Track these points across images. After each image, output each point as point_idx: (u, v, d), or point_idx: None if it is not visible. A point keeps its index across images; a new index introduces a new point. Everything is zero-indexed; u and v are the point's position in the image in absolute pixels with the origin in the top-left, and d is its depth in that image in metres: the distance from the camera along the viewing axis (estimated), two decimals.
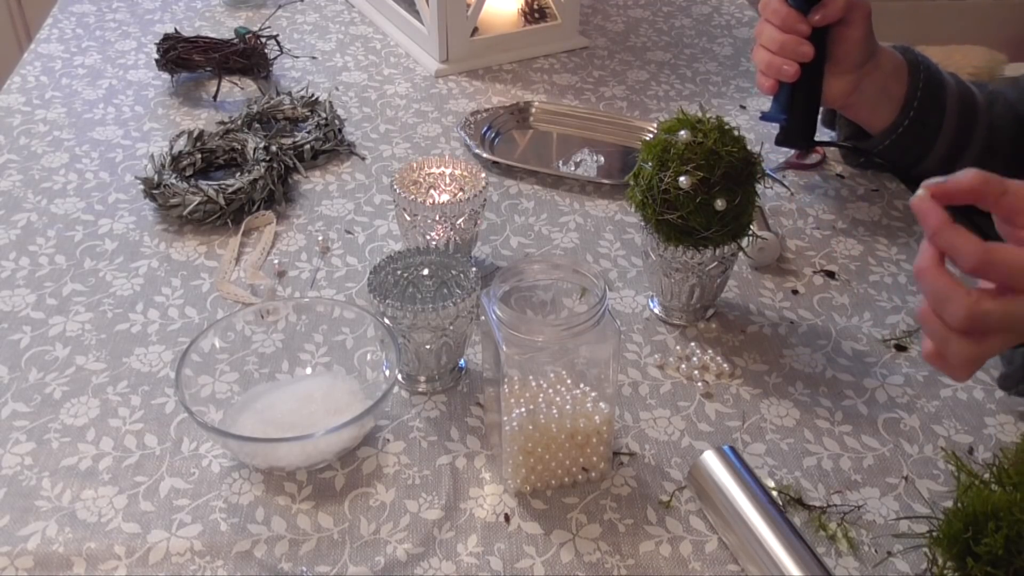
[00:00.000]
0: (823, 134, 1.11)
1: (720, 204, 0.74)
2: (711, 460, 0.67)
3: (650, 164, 0.76)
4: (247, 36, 1.23)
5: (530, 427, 0.67)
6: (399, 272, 0.77)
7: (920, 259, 0.60)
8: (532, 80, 1.26)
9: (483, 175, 0.87)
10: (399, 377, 0.78)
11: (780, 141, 0.95)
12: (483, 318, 0.68)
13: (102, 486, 0.70)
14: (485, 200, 0.86)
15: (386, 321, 0.73)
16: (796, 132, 0.94)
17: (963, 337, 0.59)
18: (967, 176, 0.59)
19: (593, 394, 0.69)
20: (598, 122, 1.15)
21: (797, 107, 0.92)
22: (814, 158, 1.08)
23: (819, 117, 0.95)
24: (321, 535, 0.67)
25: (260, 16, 1.39)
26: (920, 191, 0.60)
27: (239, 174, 0.99)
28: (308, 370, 0.78)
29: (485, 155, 1.07)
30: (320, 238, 0.95)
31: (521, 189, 1.04)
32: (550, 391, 0.69)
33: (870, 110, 0.94)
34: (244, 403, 0.74)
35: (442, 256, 0.78)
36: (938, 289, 0.59)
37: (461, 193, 0.86)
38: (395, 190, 0.84)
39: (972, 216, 0.76)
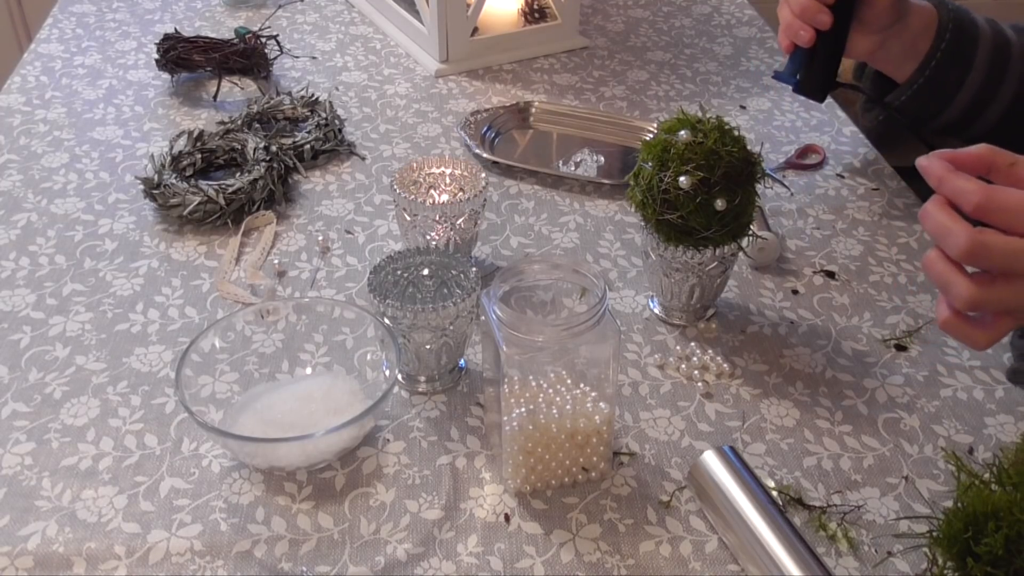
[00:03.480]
0: (824, 132, 1.11)
1: (720, 204, 0.74)
2: (711, 460, 0.67)
3: (650, 164, 0.76)
4: (247, 36, 1.23)
5: (530, 427, 0.67)
6: (399, 272, 0.77)
7: (925, 205, 0.61)
8: (532, 80, 1.26)
9: (483, 175, 0.87)
10: (399, 377, 0.78)
11: (796, 90, 0.97)
12: (483, 318, 0.68)
13: (102, 486, 0.70)
14: (485, 200, 0.86)
15: (386, 321, 0.73)
16: (811, 87, 0.96)
17: (964, 276, 0.59)
18: (978, 146, 0.61)
19: (593, 394, 0.69)
20: (598, 122, 1.15)
21: (814, 66, 0.93)
22: (814, 158, 1.08)
23: (837, 74, 0.95)
24: (321, 535, 0.67)
25: (260, 16, 1.39)
26: (928, 155, 0.61)
27: (239, 174, 0.99)
28: (308, 370, 0.78)
29: (485, 155, 1.06)
30: (320, 238, 0.95)
31: (521, 189, 1.04)
32: (550, 391, 0.69)
33: (895, 65, 0.95)
34: (244, 403, 0.74)
35: (442, 256, 0.78)
36: (941, 223, 0.59)
37: (461, 193, 0.86)
38: (395, 190, 0.84)
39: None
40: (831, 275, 0.92)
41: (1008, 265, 0.59)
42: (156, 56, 1.19)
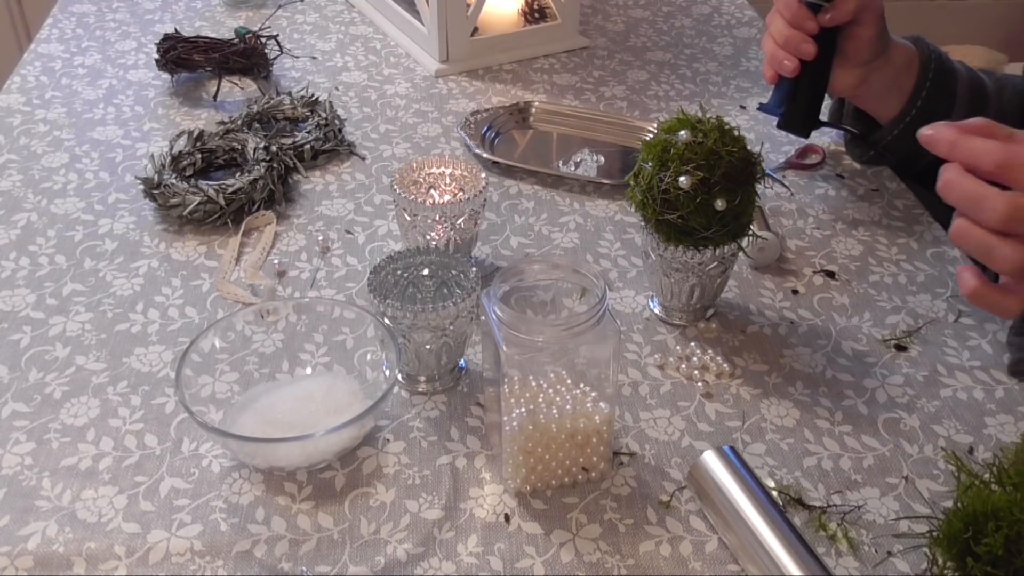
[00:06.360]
0: (824, 132, 1.11)
1: (720, 204, 0.74)
2: (711, 460, 0.67)
3: (650, 164, 0.76)
4: (247, 36, 1.23)
5: (530, 427, 0.67)
6: (399, 272, 0.77)
7: (943, 175, 0.58)
8: (532, 80, 1.26)
9: (483, 175, 0.87)
10: (399, 377, 0.78)
11: (780, 125, 0.96)
12: (483, 318, 0.68)
13: (102, 486, 0.70)
14: (485, 200, 0.86)
15: (386, 321, 0.73)
16: (795, 122, 0.95)
17: (1007, 240, 0.57)
18: (975, 119, 0.59)
19: (593, 394, 0.69)
20: (598, 122, 1.15)
21: (799, 98, 0.93)
22: (814, 158, 1.08)
23: (821, 109, 0.96)
24: (321, 535, 0.67)
25: (260, 16, 1.39)
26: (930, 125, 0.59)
27: (239, 174, 0.99)
28: (308, 370, 0.78)
29: (485, 155, 1.06)
30: (320, 238, 0.95)
31: (521, 189, 1.04)
32: (550, 391, 0.69)
33: (878, 101, 0.95)
34: (244, 403, 0.74)
35: (442, 256, 0.78)
36: (970, 193, 0.57)
37: (461, 193, 0.86)
38: (395, 190, 0.84)
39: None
40: (831, 275, 0.92)
41: None
42: (156, 56, 1.19)
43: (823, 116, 0.99)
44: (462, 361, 0.80)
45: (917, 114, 0.93)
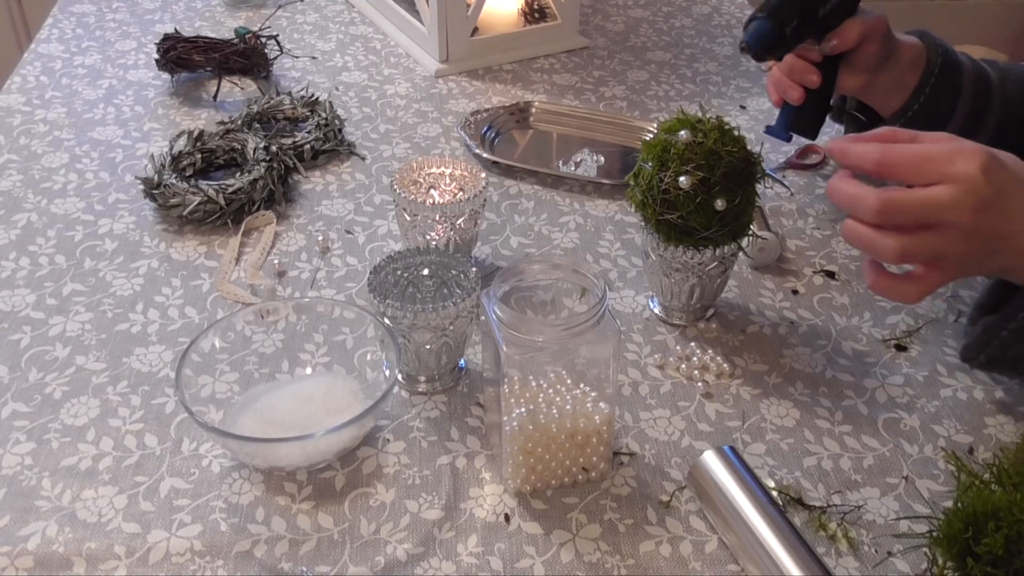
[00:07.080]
0: (824, 132, 1.11)
1: (720, 204, 0.74)
2: (711, 460, 0.67)
3: (650, 164, 0.76)
4: (247, 36, 1.23)
5: (530, 427, 0.67)
6: (399, 272, 0.77)
7: (830, 182, 0.66)
8: (532, 80, 1.26)
9: (483, 175, 0.87)
10: (399, 377, 0.78)
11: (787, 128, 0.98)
12: (483, 318, 0.68)
13: (102, 486, 0.70)
14: (485, 200, 0.86)
15: (386, 321, 0.73)
16: (801, 129, 0.96)
17: (885, 232, 0.63)
18: (880, 128, 0.67)
19: (593, 394, 0.69)
20: (598, 122, 1.15)
21: (805, 108, 0.94)
22: (814, 158, 1.08)
23: (827, 114, 0.96)
24: (321, 535, 0.67)
25: (260, 16, 1.39)
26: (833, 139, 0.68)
27: (239, 174, 0.99)
28: (308, 370, 0.78)
29: (485, 155, 1.06)
30: (320, 238, 0.95)
31: (521, 189, 1.04)
32: (550, 391, 0.69)
33: (883, 97, 0.96)
34: (244, 403, 0.74)
35: (442, 256, 0.78)
36: (848, 194, 0.64)
37: (461, 193, 0.86)
38: (395, 190, 0.84)
39: None
40: (831, 275, 0.92)
41: (919, 216, 0.62)
42: (156, 56, 1.19)
43: None
44: (462, 361, 0.80)
45: (920, 108, 0.93)
